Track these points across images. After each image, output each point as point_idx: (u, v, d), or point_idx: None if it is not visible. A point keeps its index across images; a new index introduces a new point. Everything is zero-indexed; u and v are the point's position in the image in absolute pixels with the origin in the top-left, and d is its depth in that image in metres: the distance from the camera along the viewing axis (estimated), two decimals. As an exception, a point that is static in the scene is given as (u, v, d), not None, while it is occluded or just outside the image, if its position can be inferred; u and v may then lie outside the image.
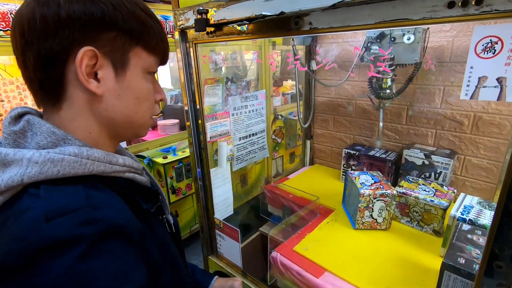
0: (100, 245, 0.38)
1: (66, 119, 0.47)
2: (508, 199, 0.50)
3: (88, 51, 0.43)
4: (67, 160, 0.42)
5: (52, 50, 0.42)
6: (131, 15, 0.46)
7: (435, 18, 0.51)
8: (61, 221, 0.37)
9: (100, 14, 0.43)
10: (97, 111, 0.48)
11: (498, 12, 0.45)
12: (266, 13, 0.72)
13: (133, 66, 0.48)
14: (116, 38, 0.45)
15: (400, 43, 1.15)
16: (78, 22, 0.42)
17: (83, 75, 0.44)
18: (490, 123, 1.24)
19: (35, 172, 0.40)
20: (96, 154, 0.46)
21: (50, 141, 0.44)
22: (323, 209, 1.38)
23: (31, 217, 0.38)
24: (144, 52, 0.49)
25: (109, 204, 0.44)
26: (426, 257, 1.04)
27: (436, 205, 1.12)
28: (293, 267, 1.04)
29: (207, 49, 1.64)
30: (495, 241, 0.53)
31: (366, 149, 1.58)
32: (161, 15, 2.18)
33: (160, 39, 0.51)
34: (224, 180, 1.32)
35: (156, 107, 0.55)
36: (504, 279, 0.54)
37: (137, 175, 0.54)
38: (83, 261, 0.36)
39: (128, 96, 0.49)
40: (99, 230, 0.38)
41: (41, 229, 0.36)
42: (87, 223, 0.38)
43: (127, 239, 0.42)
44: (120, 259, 0.40)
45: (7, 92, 2.23)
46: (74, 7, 0.42)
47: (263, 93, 1.47)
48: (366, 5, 0.58)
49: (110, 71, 0.46)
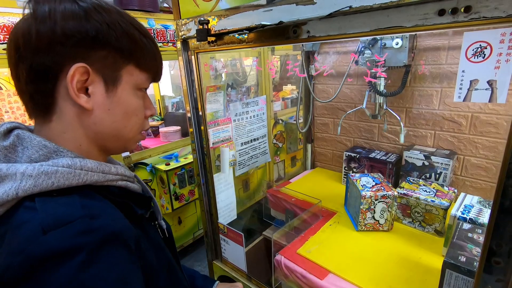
0: (99, 254, 0.39)
1: (57, 131, 0.48)
2: (503, 196, 0.52)
3: (80, 67, 0.44)
4: (61, 172, 0.43)
5: (44, 64, 0.43)
6: (125, 34, 0.47)
7: (427, 25, 0.53)
8: (59, 232, 0.38)
9: (94, 33, 0.44)
10: (87, 125, 0.49)
11: (486, 18, 0.47)
12: (265, 23, 0.75)
13: (124, 83, 0.50)
14: (108, 56, 0.47)
15: (390, 48, 1.24)
16: (72, 39, 0.43)
17: (74, 90, 0.45)
18: (488, 123, 1.26)
19: (30, 185, 0.41)
20: (89, 165, 0.47)
21: (42, 154, 0.45)
22: (326, 212, 1.39)
23: (28, 230, 0.38)
24: (136, 69, 0.51)
25: (105, 212, 0.44)
26: (429, 257, 1.05)
27: (437, 205, 1.14)
28: (297, 270, 1.06)
29: (207, 56, 1.68)
30: (493, 238, 0.54)
31: (366, 151, 1.60)
32: (161, 25, 2.22)
33: (153, 58, 0.53)
34: (227, 185, 1.34)
35: (145, 122, 0.57)
36: (502, 275, 0.55)
37: (130, 183, 0.55)
38: (83, 270, 0.37)
39: (118, 111, 0.50)
40: (97, 239, 0.39)
41: (39, 241, 0.37)
42: (85, 232, 0.39)
43: (125, 246, 0.43)
44: (119, 266, 0.41)
45: (11, 103, 2.27)
46: (70, 24, 0.43)
47: (263, 98, 1.50)
48: (361, 14, 0.61)
49: (101, 87, 0.47)
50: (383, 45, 1.23)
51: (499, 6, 0.46)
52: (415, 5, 0.54)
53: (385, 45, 1.23)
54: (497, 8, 0.46)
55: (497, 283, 0.56)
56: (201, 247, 2.60)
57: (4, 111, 2.21)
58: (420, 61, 1.35)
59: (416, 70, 1.32)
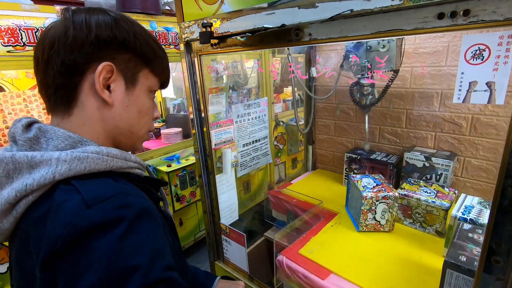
0: (136, 225, 0.44)
1: (76, 124, 0.52)
2: (502, 196, 0.53)
3: (107, 65, 0.50)
4: (91, 158, 0.47)
5: (75, 61, 0.49)
6: (145, 43, 0.55)
7: (426, 28, 0.54)
8: (101, 206, 0.43)
9: (121, 39, 0.52)
10: (106, 118, 0.54)
11: (484, 22, 0.49)
12: (268, 26, 0.76)
13: (141, 84, 0.57)
14: (131, 60, 0.54)
15: (375, 52, 1.21)
16: (103, 42, 0.50)
17: (100, 84, 0.51)
18: (488, 124, 1.27)
19: (65, 169, 0.45)
20: (114, 152, 0.52)
21: (67, 144, 0.49)
22: (327, 213, 1.40)
23: (73, 205, 0.43)
24: (151, 74, 0.58)
25: (134, 191, 0.50)
26: (430, 257, 1.06)
27: (438, 206, 1.14)
28: (299, 270, 1.06)
29: (208, 58, 1.69)
30: (492, 237, 0.55)
31: (367, 153, 1.61)
32: (163, 27, 2.24)
33: (165, 67, 0.61)
34: (229, 186, 1.35)
35: (152, 123, 0.63)
36: (502, 273, 0.56)
37: (143, 172, 0.61)
38: (125, 238, 0.42)
39: (134, 108, 0.56)
40: (135, 212, 0.44)
41: (85, 214, 0.41)
42: (124, 206, 0.44)
43: (154, 218, 0.48)
44: (154, 235, 0.46)
45: (14, 105, 2.29)
46: (103, 31, 0.50)
47: (265, 100, 1.51)
48: (362, 17, 0.62)
49: (121, 85, 0.54)
50: (368, 49, 1.21)
51: (496, 9, 0.47)
52: (415, 9, 0.55)
53: (370, 48, 1.21)
54: (495, 12, 0.47)
55: (497, 282, 0.57)
56: (202, 249, 2.60)
57: (7, 113, 2.23)
58: (421, 63, 1.36)
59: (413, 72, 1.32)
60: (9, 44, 1.56)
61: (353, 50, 1.26)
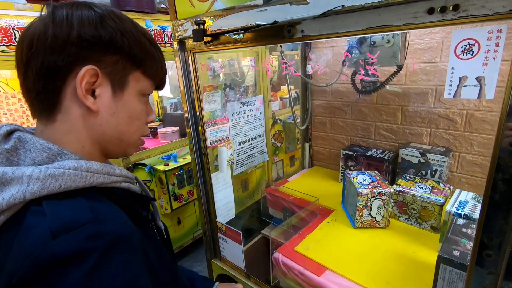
0: (107, 258, 0.39)
1: (60, 132, 0.48)
2: (493, 190, 0.53)
3: (90, 69, 0.46)
4: (68, 174, 0.43)
5: (55, 63, 0.44)
6: (136, 42, 0.49)
7: (417, 24, 0.54)
8: (68, 237, 0.38)
9: (107, 38, 0.46)
10: (91, 126, 0.49)
11: (474, 16, 0.49)
12: (260, 23, 0.76)
13: (130, 88, 0.51)
14: (119, 62, 0.48)
15: (380, 47, 1.20)
16: (86, 42, 0.45)
17: (82, 90, 0.46)
18: (482, 120, 1.27)
19: (37, 188, 0.41)
20: (95, 166, 0.47)
21: (46, 156, 0.45)
22: (323, 210, 1.40)
23: (37, 234, 0.38)
24: (143, 76, 0.52)
25: (112, 216, 0.45)
26: (425, 252, 1.07)
27: (433, 202, 1.15)
28: (295, 267, 1.07)
29: (205, 57, 1.69)
30: (484, 231, 0.56)
31: (363, 149, 1.61)
32: (158, 25, 2.23)
33: (160, 67, 0.55)
34: (225, 184, 1.35)
35: (145, 127, 0.58)
36: (494, 267, 0.56)
37: (131, 185, 0.55)
38: (92, 275, 0.37)
39: (123, 114, 0.51)
40: (106, 243, 0.40)
41: (48, 246, 0.37)
42: (94, 237, 0.39)
43: (132, 248, 0.43)
44: (127, 270, 0.41)
45: (9, 105, 2.27)
46: (86, 29, 0.45)
47: (260, 98, 1.51)
48: (353, 13, 0.62)
49: (108, 90, 0.49)
50: (373, 44, 1.19)
51: (485, 4, 0.47)
52: (405, 4, 0.55)
53: (375, 43, 1.20)
54: (484, 6, 0.47)
55: (489, 276, 0.58)
56: (201, 247, 2.61)
57: (2, 113, 2.22)
58: (413, 59, 1.36)
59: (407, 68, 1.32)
60: (2, 44, 1.55)
61: (356, 46, 1.25)
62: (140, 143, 0.58)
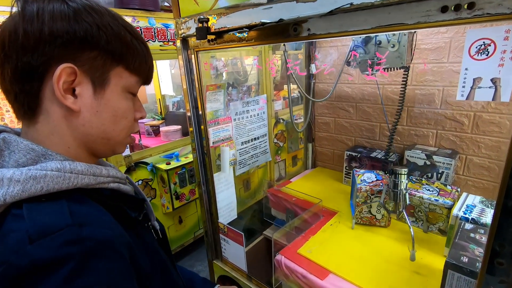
0: (87, 264, 0.37)
1: (43, 133, 0.47)
2: (506, 197, 0.51)
3: (67, 68, 0.43)
4: (50, 176, 0.42)
5: (30, 64, 0.42)
6: (115, 36, 0.47)
7: (429, 23, 0.52)
8: (45, 242, 0.36)
9: (82, 34, 0.43)
10: (74, 126, 0.48)
11: (490, 15, 0.46)
12: (265, 21, 0.74)
13: (113, 85, 0.49)
14: (97, 58, 0.46)
15: (385, 47, 1.15)
16: (60, 39, 0.42)
17: (60, 91, 0.44)
18: (490, 122, 1.25)
19: (18, 190, 0.39)
20: (79, 167, 0.45)
21: (29, 158, 0.44)
22: (326, 212, 1.38)
23: (14, 239, 0.37)
24: (126, 72, 0.50)
25: (95, 219, 0.43)
26: (431, 257, 1.05)
27: (441, 205, 1.13)
28: (298, 270, 1.05)
29: (208, 55, 1.67)
30: (496, 239, 0.54)
31: (367, 150, 1.59)
32: (162, 23, 2.21)
33: (144, 61, 0.52)
34: (228, 184, 1.34)
35: (135, 124, 0.55)
36: (505, 276, 0.54)
37: (122, 185, 0.54)
38: (70, 282, 0.35)
39: (106, 113, 0.49)
40: (86, 248, 0.38)
41: (25, 251, 0.35)
42: (73, 242, 0.37)
43: (115, 254, 0.41)
44: (108, 276, 0.39)
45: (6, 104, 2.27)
46: (58, 25, 0.42)
47: (264, 97, 1.49)
48: (362, 11, 0.60)
49: (88, 88, 0.47)
50: (378, 44, 1.14)
51: (503, 2, 0.45)
52: (417, 2, 0.53)
53: (380, 43, 1.15)
54: (501, 4, 0.45)
55: (500, 285, 0.56)
56: (202, 247, 2.60)
57: (5, 110, 2.21)
58: (423, 59, 1.34)
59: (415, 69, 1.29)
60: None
61: (361, 45, 1.21)
62: (129, 141, 0.56)
